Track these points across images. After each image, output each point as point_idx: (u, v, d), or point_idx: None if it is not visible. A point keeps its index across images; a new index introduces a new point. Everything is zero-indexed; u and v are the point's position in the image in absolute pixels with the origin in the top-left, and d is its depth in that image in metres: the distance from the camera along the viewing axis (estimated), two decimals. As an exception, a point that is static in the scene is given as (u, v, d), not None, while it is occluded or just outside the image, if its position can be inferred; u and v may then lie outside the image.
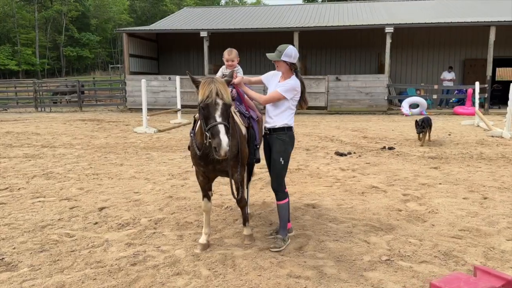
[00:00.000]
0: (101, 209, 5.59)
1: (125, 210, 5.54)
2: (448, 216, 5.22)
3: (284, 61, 4.25)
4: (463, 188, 6.54)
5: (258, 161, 4.53)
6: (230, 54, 4.69)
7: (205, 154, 3.91)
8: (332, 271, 3.78)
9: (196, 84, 3.68)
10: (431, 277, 3.65)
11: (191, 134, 4.59)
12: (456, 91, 19.95)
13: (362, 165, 8.25)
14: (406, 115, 17.92)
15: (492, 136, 11.83)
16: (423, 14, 21.59)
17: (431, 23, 18.76)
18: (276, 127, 4.32)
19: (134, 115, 19.41)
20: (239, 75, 4.61)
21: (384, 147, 10.15)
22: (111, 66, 50.98)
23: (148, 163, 8.60)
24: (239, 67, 4.80)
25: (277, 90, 4.29)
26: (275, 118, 4.33)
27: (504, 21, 17.93)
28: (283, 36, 21.88)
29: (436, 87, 19.43)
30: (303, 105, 4.45)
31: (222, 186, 6.70)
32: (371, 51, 22.88)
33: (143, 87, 13.47)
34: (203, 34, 20.33)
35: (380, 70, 22.24)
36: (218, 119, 3.46)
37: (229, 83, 3.86)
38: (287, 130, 4.33)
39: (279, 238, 4.33)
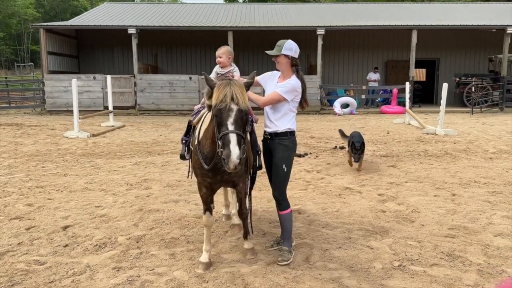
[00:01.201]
0: (65, 228, 4.88)
1: (94, 228, 4.89)
2: (432, 215, 5.31)
3: (286, 56, 3.98)
4: (428, 185, 6.75)
5: (260, 168, 4.20)
6: (218, 51, 4.31)
7: (214, 164, 3.51)
8: (352, 283, 3.59)
9: (211, 85, 3.27)
10: (449, 281, 3.62)
11: (183, 141, 4.17)
12: (381, 91, 21.04)
13: (324, 165, 8.23)
14: (338, 115, 18.49)
15: (427, 134, 12.56)
16: (349, 17, 22.44)
17: (360, 26, 19.57)
18: (278, 131, 4.02)
19: (56, 118, 17.79)
20: (236, 75, 4.25)
21: (336, 147, 10.29)
22: (17, 64, 46.63)
23: (96, 172, 7.81)
24: (235, 66, 4.44)
25: (277, 91, 4.00)
26: (276, 122, 4.04)
27: (425, 25, 19.24)
28: (217, 35, 21.58)
29: (364, 87, 20.33)
30: (304, 106, 4.19)
31: (193, 194, 6.24)
32: (301, 52, 23.27)
33: (74, 87, 12.31)
34: (132, 31, 19.24)
35: (310, 71, 22.78)
36: (230, 127, 3.08)
37: (249, 86, 3.47)
38: (290, 135, 4.06)
39: (285, 250, 4.05)
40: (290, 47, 3.97)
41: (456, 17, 21.90)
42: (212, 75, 4.38)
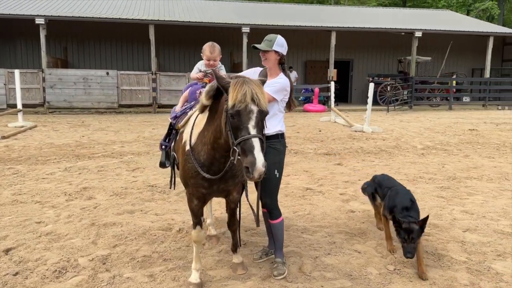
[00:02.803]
0: (6, 251, 4.06)
1: (43, 249, 4.14)
2: (399, 213, 5.36)
3: (276, 52, 3.67)
4: (381, 183, 6.88)
5: None
6: (212, 52, 3.87)
7: (214, 172, 3.08)
8: (357, 292, 3.41)
9: (224, 84, 2.83)
10: (446, 282, 3.61)
11: (163, 147, 3.67)
12: (303, 90, 21.54)
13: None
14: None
15: (356, 131, 13.03)
16: (271, 16, 22.57)
17: (285, 25, 19.77)
18: (268, 134, 3.68)
19: (-51, 117, 15.44)
20: (222, 73, 3.83)
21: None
22: None
23: (22, 180, 6.78)
24: (221, 64, 4.00)
25: (266, 91, 3.67)
26: (266, 124, 3.71)
27: (343, 27, 20.05)
28: (137, 28, 20.42)
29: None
30: (292, 107, 3.91)
31: (147, 203, 5.66)
32: (224, 49, 22.96)
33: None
34: (39, 21, 17.40)
35: (233, 69, 22.57)
36: (253, 131, 2.68)
37: (264, 83, 3.08)
38: (281, 138, 3.75)
39: (279, 263, 3.75)
40: (281, 43, 3.68)
41: (369, 20, 23.17)
42: (194, 72, 3.91)
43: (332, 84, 16.61)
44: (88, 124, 14.51)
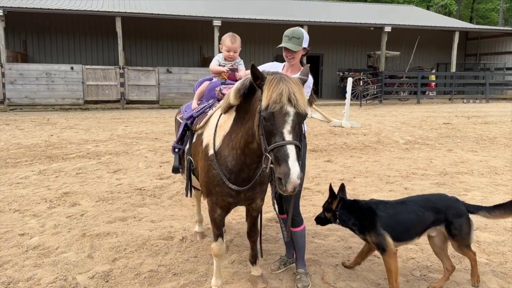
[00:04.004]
0: (-9, 271, 3.57)
1: (33, 266, 3.68)
2: (406, 213, 5.21)
3: (304, 49, 3.39)
4: (376, 180, 6.74)
5: None
6: (234, 42, 3.51)
7: (243, 179, 2.76)
8: (391, 303, 3.19)
9: (259, 81, 2.49)
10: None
11: (175, 150, 3.30)
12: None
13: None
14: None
15: (334, 126, 12.94)
16: (243, 10, 22.15)
17: (257, 19, 19.43)
18: None
19: None
20: (241, 69, 3.50)
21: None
22: None
23: (-8, 186, 6.17)
24: (240, 58, 3.64)
25: None
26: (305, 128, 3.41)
27: (314, 21, 19.94)
28: (103, 21, 19.54)
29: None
30: (312, 101, 3.62)
31: (139, 209, 5.24)
32: (193, 43, 22.46)
33: None
34: (-3, 12, 16.26)
35: (203, 63, 22.06)
36: (288, 137, 2.34)
37: (305, 82, 2.74)
38: (303, 138, 3.46)
39: (302, 273, 3.47)
40: (307, 38, 3.45)
41: (339, 15, 23.23)
42: (214, 64, 3.54)
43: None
44: (54, 122, 13.69)
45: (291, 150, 2.32)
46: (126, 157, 8.28)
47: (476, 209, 3.45)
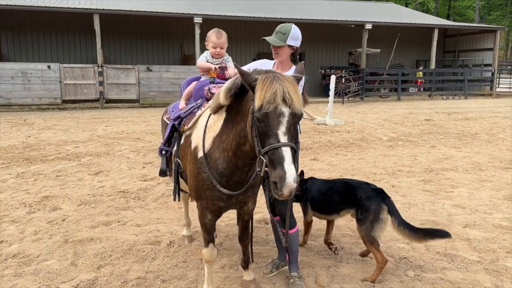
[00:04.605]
0: (-33, 284, 3.37)
1: (13, 275, 3.49)
2: (395, 211, 5.18)
3: (290, 46, 3.27)
4: (363, 177, 6.68)
5: None
6: (219, 37, 3.37)
7: (234, 182, 2.64)
8: (386, 305, 3.13)
9: (250, 81, 2.36)
10: (470, 286, 3.43)
11: (163, 152, 3.16)
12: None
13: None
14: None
15: (318, 124, 12.91)
16: (224, 7, 21.93)
17: (239, 16, 19.26)
18: None
19: None
20: (230, 67, 3.37)
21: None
22: None
23: (-33, 190, 5.91)
24: (228, 55, 3.51)
25: None
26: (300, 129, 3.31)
27: (297, 18, 19.87)
28: (80, 18, 19.09)
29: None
30: (304, 102, 3.51)
31: (124, 212, 5.07)
32: (173, 41, 22.15)
33: None
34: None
35: (184, 61, 21.80)
36: (283, 139, 2.23)
37: (299, 80, 2.62)
38: (298, 140, 3.37)
39: (295, 277, 3.38)
40: (296, 36, 3.26)
41: (320, 12, 23.22)
42: (201, 60, 3.41)
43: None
44: (31, 122, 13.29)
45: (287, 152, 2.21)
46: (107, 158, 8.06)
47: (393, 212, 3.49)
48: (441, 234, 3.45)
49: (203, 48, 19.35)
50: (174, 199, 3.30)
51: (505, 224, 4.74)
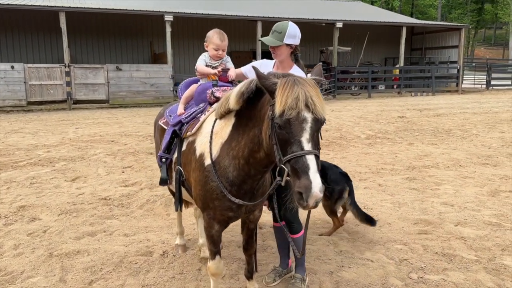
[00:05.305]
0: None
1: (-4, 298, 3.22)
2: (385, 211, 5.17)
3: (288, 45, 3.14)
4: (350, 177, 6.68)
5: None
6: (223, 40, 3.22)
7: (245, 191, 2.50)
8: (395, 311, 3.07)
9: (268, 85, 2.21)
10: (472, 286, 3.43)
11: (163, 160, 2.98)
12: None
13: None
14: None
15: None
16: (197, 5, 21.59)
17: (210, 14, 18.98)
18: None
19: None
20: (230, 67, 3.21)
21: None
22: None
23: None
24: (227, 56, 3.34)
25: None
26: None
27: (268, 16, 19.80)
28: (46, 16, 18.38)
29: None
30: None
31: (108, 221, 4.82)
32: (143, 39, 21.65)
33: None
34: None
35: (154, 60, 21.36)
36: (307, 146, 2.10)
37: (319, 83, 2.46)
38: None
39: (297, 278, 3.31)
40: (293, 33, 3.13)
41: (292, 10, 23.24)
42: (200, 64, 3.23)
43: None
44: (-5, 126, 12.64)
45: (311, 160, 2.08)
46: (83, 163, 7.71)
47: (351, 193, 4.38)
48: (372, 223, 4.32)
49: (174, 46, 19.02)
50: (176, 210, 3.12)
51: (495, 221, 4.80)
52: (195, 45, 22.66)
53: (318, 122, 2.19)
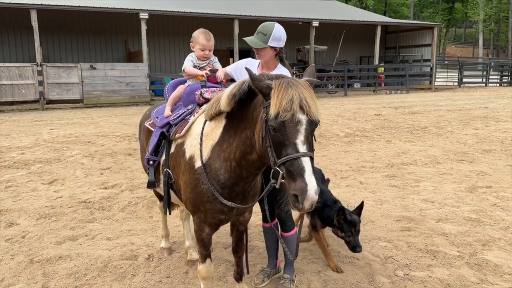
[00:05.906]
0: None
1: (-25, 308, 3.10)
2: (368, 208, 5.21)
3: (272, 47, 3.12)
4: (331, 175, 6.71)
5: None
6: (209, 39, 3.16)
7: (236, 193, 2.48)
8: (384, 309, 3.11)
9: (261, 87, 2.19)
10: (457, 281, 3.50)
11: (150, 162, 2.92)
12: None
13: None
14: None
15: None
16: (171, 4, 21.34)
17: (186, 12, 18.80)
18: None
19: None
20: (218, 67, 3.18)
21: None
22: None
23: None
24: (214, 56, 3.29)
25: None
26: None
27: (245, 15, 19.77)
28: (16, 13, 17.87)
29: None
30: None
31: (90, 225, 4.71)
32: (117, 37, 21.27)
33: None
34: None
35: (129, 58, 21.04)
36: (302, 148, 2.09)
37: (313, 84, 2.44)
38: None
39: (286, 279, 3.32)
40: (278, 36, 3.08)
41: (269, 9, 23.25)
42: (187, 64, 3.17)
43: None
44: (-36, 127, 12.19)
45: (307, 163, 2.07)
46: (59, 165, 7.52)
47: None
48: None
49: (150, 44, 18.75)
50: (165, 213, 3.07)
51: (474, 217, 4.92)
52: (171, 43, 22.43)
53: (313, 124, 2.17)
